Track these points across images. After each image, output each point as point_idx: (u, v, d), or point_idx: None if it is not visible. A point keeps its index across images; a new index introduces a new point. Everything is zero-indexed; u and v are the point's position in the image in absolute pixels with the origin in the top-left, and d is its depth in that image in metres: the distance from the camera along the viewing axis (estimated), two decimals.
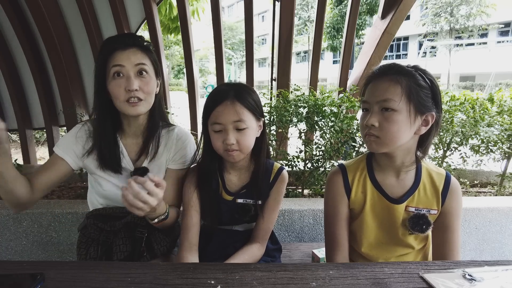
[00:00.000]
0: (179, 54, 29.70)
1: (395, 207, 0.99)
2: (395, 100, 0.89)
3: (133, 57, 1.02)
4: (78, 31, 3.11)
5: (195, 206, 1.09)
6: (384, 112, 0.91)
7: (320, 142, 2.21)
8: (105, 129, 1.09)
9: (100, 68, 1.03)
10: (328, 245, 1.07)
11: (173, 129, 1.19)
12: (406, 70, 0.92)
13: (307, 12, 23.74)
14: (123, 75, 1.01)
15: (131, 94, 1.01)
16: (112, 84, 1.02)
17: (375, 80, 0.95)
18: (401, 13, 3.03)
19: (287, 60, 3.14)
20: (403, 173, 1.00)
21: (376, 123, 0.91)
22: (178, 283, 0.73)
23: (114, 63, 1.01)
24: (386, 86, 0.91)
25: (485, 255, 1.98)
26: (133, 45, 1.04)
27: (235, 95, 0.99)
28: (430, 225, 0.98)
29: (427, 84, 0.91)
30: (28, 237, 1.87)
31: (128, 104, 1.02)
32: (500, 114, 2.27)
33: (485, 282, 0.72)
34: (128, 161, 1.14)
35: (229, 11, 40.54)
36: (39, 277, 0.72)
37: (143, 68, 1.03)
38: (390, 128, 0.90)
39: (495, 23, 18.53)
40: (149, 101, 1.07)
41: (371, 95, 0.94)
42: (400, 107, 0.89)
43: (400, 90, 0.89)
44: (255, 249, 1.10)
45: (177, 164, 1.16)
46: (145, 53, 1.05)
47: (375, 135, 0.92)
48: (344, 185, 1.04)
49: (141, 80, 1.03)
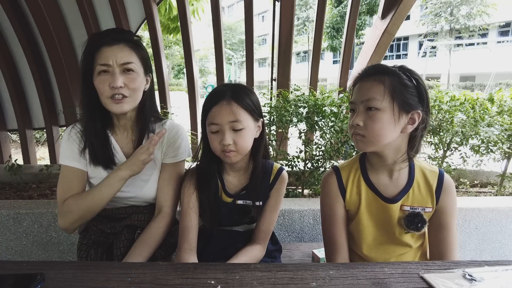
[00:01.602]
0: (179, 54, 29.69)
1: (390, 207, 1.00)
2: (378, 99, 0.90)
3: (119, 54, 1.00)
4: (78, 31, 3.11)
5: (194, 208, 1.08)
6: (368, 111, 0.92)
7: (320, 142, 2.21)
8: (94, 125, 1.07)
9: (86, 64, 1.02)
10: (327, 248, 1.07)
11: (164, 123, 1.18)
12: (389, 69, 0.94)
13: (305, 12, 23.74)
14: (108, 72, 1.00)
15: (115, 91, 1.00)
16: (98, 80, 1.00)
17: (360, 81, 0.97)
18: (401, 13, 3.03)
19: (287, 60, 3.14)
20: (396, 172, 1.00)
21: (361, 123, 0.93)
22: (178, 283, 0.72)
23: (100, 62, 0.99)
24: (369, 86, 0.93)
25: (485, 255, 1.98)
26: (120, 40, 1.01)
27: (231, 95, 0.99)
28: (425, 223, 0.98)
29: (412, 83, 0.92)
30: (28, 237, 1.87)
31: (112, 101, 1.01)
32: (500, 114, 2.27)
33: (485, 282, 0.72)
34: (122, 156, 1.13)
35: (229, 11, 40.53)
36: (39, 277, 0.72)
37: (129, 67, 1.02)
38: (374, 127, 0.91)
39: (495, 22, 18.52)
40: (134, 98, 1.05)
41: (356, 95, 0.96)
42: (384, 106, 0.90)
43: (383, 89, 0.90)
44: (256, 250, 1.10)
45: (171, 158, 1.15)
46: (133, 50, 1.03)
47: (360, 134, 0.95)
48: (338, 187, 1.05)
49: (126, 77, 1.01)
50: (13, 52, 3.22)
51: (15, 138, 5.21)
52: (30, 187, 2.83)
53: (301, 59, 29.57)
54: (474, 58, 19.37)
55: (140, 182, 1.13)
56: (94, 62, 1.00)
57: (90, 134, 1.08)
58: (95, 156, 1.08)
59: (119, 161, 1.12)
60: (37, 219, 1.85)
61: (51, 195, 2.60)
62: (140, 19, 3.24)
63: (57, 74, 3.19)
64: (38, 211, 1.84)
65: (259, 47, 29.74)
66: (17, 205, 1.91)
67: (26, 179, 2.90)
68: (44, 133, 4.58)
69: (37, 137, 5.30)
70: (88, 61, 1.01)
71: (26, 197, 2.61)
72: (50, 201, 1.99)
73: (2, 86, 3.35)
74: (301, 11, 23.81)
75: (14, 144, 5.39)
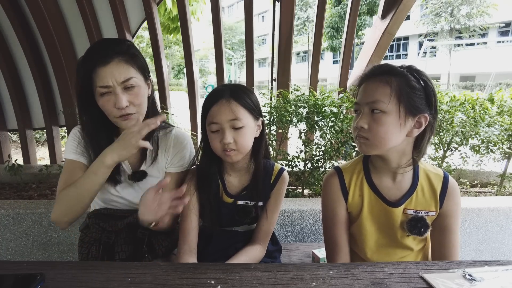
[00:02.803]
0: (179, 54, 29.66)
1: (393, 210, 0.98)
2: (383, 101, 0.87)
3: (117, 72, 0.96)
4: (78, 31, 3.11)
5: (195, 210, 1.08)
6: (373, 114, 0.89)
7: (320, 142, 2.21)
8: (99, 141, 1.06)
9: (84, 85, 0.98)
10: (329, 249, 1.06)
11: (171, 131, 1.18)
12: (397, 70, 0.90)
13: (305, 12, 23.74)
14: (110, 93, 0.98)
15: (122, 112, 0.98)
16: (101, 101, 0.98)
17: (366, 81, 0.93)
18: (401, 13, 3.03)
19: (287, 60, 3.14)
20: (400, 175, 0.98)
21: (365, 125, 0.90)
22: (178, 283, 0.72)
23: (100, 84, 0.96)
24: (375, 87, 0.89)
25: (485, 255, 1.98)
26: (114, 56, 0.96)
27: (230, 94, 0.99)
28: (428, 227, 0.97)
29: (420, 85, 0.89)
30: (28, 237, 1.87)
31: (121, 119, 1.00)
32: (500, 114, 2.27)
33: (485, 282, 0.72)
34: (127, 166, 1.14)
35: (229, 11, 40.51)
36: (39, 277, 0.72)
37: (129, 83, 0.98)
38: (379, 130, 0.88)
39: (496, 23, 18.52)
40: (141, 112, 1.04)
41: (361, 96, 0.93)
42: (389, 109, 0.87)
43: (389, 91, 0.87)
44: (257, 250, 1.10)
45: (176, 167, 1.15)
46: (129, 63, 0.99)
47: (364, 137, 0.91)
48: (341, 188, 1.03)
49: (129, 94, 0.99)
50: (13, 52, 3.22)
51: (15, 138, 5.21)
52: (30, 187, 2.83)
53: (301, 59, 29.55)
54: (474, 58, 19.36)
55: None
56: (93, 83, 0.97)
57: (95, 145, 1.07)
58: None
59: (123, 169, 1.13)
60: (37, 219, 1.85)
61: (51, 195, 2.60)
62: (140, 19, 3.25)
63: (57, 74, 3.19)
64: (38, 211, 1.84)
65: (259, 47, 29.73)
66: (17, 205, 1.91)
67: (26, 179, 2.90)
68: (44, 133, 4.58)
69: (37, 137, 5.30)
70: (85, 82, 0.98)
71: (26, 197, 2.62)
72: (50, 201, 1.99)
73: (2, 86, 3.35)
74: (302, 11, 23.81)
75: (14, 144, 5.39)
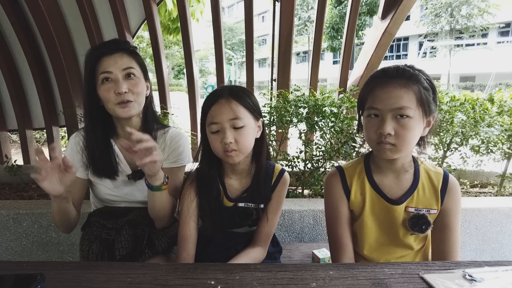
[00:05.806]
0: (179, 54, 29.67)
1: (395, 208, 0.99)
2: (411, 107, 0.88)
3: (120, 61, 1.04)
4: (78, 31, 3.10)
5: (194, 217, 1.07)
6: (399, 119, 0.89)
7: (320, 142, 2.21)
8: (96, 134, 1.10)
9: (89, 76, 1.05)
10: (333, 248, 1.06)
11: (167, 131, 1.20)
12: (415, 74, 0.91)
13: (306, 13, 23.75)
14: (111, 80, 1.04)
15: (121, 97, 1.03)
16: (102, 89, 1.04)
17: (382, 84, 0.91)
18: (401, 13, 3.02)
19: (287, 61, 3.14)
20: (401, 174, 1.00)
21: (392, 132, 0.89)
22: (178, 283, 0.72)
23: (102, 70, 1.03)
24: (400, 94, 0.88)
25: (485, 255, 1.98)
26: (119, 49, 1.07)
27: (230, 94, 0.99)
28: (430, 225, 0.98)
29: (429, 86, 0.92)
30: (28, 238, 1.87)
31: (119, 106, 1.04)
32: (500, 114, 2.27)
33: (485, 282, 0.72)
34: (125, 165, 1.15)
35: (229, 11, 40.53)
36: (39, 277, 0.72)
37: (130, 71, 1.06)
38: (407, 136, 0.89)
39: (496, 23, 18.52)
40: (139, 102, 1.09)
41: (381, 102, 0.90)
42: (415, 114, 0.89)
43: (414, 96, 0.88)
44: (257, 252, 1.09)
45: (170, 163, 1.17)
46: (131, 57, 1.08)
47: (391, 143, 0.90)
48: (342, 187, 1.04)
49: (129, 82, 1.05)
50: (13, 52, 3.21)
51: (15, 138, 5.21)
52: (30, 187, 2.83)
53: (301, 59, 29.57)
54: (474, 58, 19.38)
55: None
56: (96, 72, 1.04)
57: (92, 143, 1.10)
58: (96, 167, 1.12)
59: (122, 169, 1.14)
60: (37, 220, 1.85)
61: None
62: (140, 19, 3.24)
63: (57, 74, 3.18)
64: (38, 212, 1.84)
65: (259, 48, 29.74)
66: (17, 205, 1.91)
67: (26, 179, 2.90)
68: (44, 133, 4.58)
69: (37, 137, 5.30)
70: (90, 73, 1.05)
71: (26, 198, 2.61)
72: (50, 202, 1.98)
73: (2, 86, 3.34)
74: (303, 11, 23.82)
75: (14, 144, 5.39)
